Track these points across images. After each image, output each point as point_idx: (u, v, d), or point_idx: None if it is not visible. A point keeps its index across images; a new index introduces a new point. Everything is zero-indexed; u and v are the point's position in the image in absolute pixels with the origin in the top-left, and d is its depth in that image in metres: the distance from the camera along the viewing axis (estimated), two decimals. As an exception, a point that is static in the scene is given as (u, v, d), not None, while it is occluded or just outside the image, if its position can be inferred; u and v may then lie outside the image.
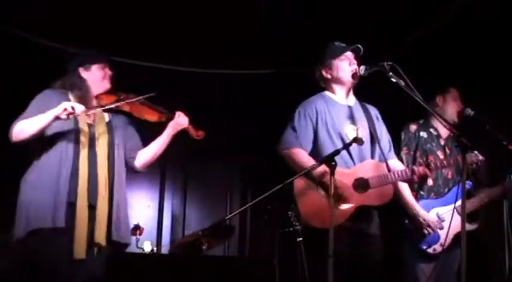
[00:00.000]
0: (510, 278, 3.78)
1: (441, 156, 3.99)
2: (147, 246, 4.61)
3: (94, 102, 3.41)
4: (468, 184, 3.85)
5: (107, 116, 3.44)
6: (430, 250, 3.86)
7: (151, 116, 3.54)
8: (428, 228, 3.81)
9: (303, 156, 3.38)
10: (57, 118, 3.11)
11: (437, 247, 3.85)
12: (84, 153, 3.21)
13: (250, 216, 6.18)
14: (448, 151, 4.06)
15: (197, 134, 3.68)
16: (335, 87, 3.54)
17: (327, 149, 3.33)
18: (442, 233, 3.82)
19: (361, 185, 3.30)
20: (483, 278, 4.31)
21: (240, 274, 3.61)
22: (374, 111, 3.59)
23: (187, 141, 6.15)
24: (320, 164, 3.14)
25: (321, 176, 3.27)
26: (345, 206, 3.25)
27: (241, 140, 6.40)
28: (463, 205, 2.94)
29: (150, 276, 3.55)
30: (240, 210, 6.01)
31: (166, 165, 6.26)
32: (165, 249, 5.80)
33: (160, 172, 6.24)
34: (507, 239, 3.72)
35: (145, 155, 3.52)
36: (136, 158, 3.50)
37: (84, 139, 3.24)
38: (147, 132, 3.66)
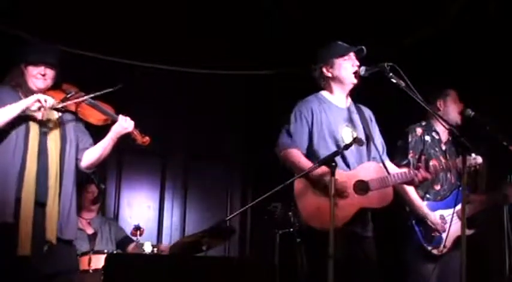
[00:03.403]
0: (510, 278, 3.79)
1: (443, 161, 3.98)
2: (148, 247, 4.60)
3: None
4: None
5: (56, 113, 3.38)
6: (435, 251, 3.87)
7: (96, 120, 3.43)
8: (436, 232, 3.83)
9: (299, 156, 3.36)
10: (27, 109, 3.15)
11: (442, 248, 3.86)
12: (33, 150, 3.20)
13: (250, 216, 6.18)
14: (448, 156, 4.05)
15: (143, 140, 3.50)
16: (334, 86, 3.51)
17: (321, 150, 3.33)
18: (444, 235, 3.83)
19: (361, 187, 3.29)
20: (483, 279, 4.30)
21: (240, 275, 3.61)
22: (368, 113, 3.58)
23: (187, 142, 6.21)
24: (320, 165, 3.14)
25: (319, 177, 3.27)
26: (345, 209, 3.24)
27: (241, 140, 6.41)
28: (463, 207, 2.95)
29: (150, 277, 3.54)
30: (240, 211, 6.01)
31: (167, 165, 6.26)
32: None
33: (160, 172, 6.25)
34: (507, 239, 3.72)
35: (90, 157, 3.46)
36: (82, 159, 3.46)
37: (34, 135, 3.23)
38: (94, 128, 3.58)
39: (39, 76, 3.35)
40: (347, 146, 3.20)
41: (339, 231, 3.15)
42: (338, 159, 3.23)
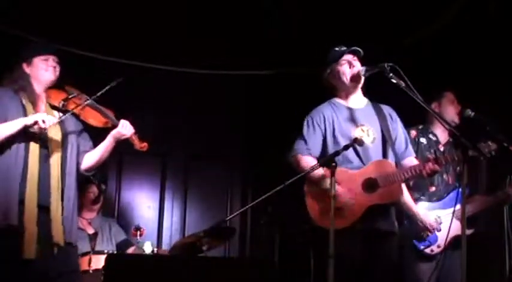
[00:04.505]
0: (510, 279, 3.79)
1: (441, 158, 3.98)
2: (148, 247, 4.60)
3: (43, 99, 3.38)
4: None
5: (56, 114, 3.39)
6: (427, 250, 3.88)
7: (97, 121, 3.44)
8: (426, 231, 3.84)
9: (308, 161, 3.42)
10: (26, 127, 3.14)
11: (435, 248, 3.88)
12: (35, 153, 3.20)
13: (250, 216, 6.18)
14: None
15: (141, 145, 3.53)
16: (341, 91, 3.59)
17: None
18: (440, 235, 3.83)
19: (370, 185, 3.31)
20: (483, 279, 4.30)
21: (240, 275, 3.61)
22: (388, 111, 3.61)
23: (187, 142, 6.21)
24: (321, 165, 3.17)
25: (320, 180, 3.30)
26: (354, 208, 3.25)
27: (241, 140, 6.40)
28: (463, 207, 2.95)
29: (150, 277, 3.54)
30: (241, 211, 6.01)
31: (167, 165, 6.26)
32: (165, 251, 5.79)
33: (160, 173, 6.24)
34: (507, 239, 3.72)
35: (89, 160, 3.48)
36: (82, 162, 3.47)
37: (36, 137, 3.22)
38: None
39: (50, 68, 3.36)
40: (347, 147, 3.22)
41: (350, 229, 3.18)
42: (353, 158, 3.30)
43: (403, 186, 3.72)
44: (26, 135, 3.21)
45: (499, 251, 3.83)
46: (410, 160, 3.52)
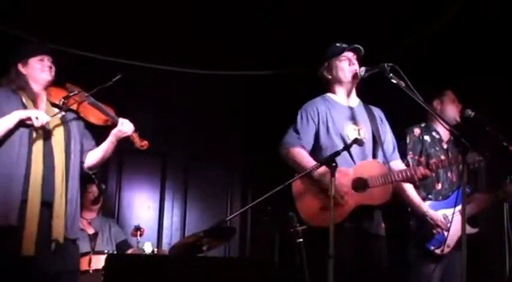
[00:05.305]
0: (510, 278, 3.79)
1: (443, 158, 3.98)
2: (148, 247, 4.61)
3: (43, 97, 3.38)
4: (467, 189, 3.85)
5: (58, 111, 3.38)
6: (437, 251, 3.87)
7: (97, 119, 3.44)
8: (438, 228, 3.83)
9: (302, 155, 3.40)
10: (21, 121, 3.15)
11: (445, 248, 3.86)
12: (38, 150, 3.19)
13: (250, 216, 6.19)
14: (450, 154, 4.06)
15: (141, 144, 3.53)
16: (336, 87, 3.55)
17: (328, 149, 3.35)
18: (447, 234, 3.83)
19: (360, 184, 3.31)
20: (484, 279, 4.31)
21: (240, 275, 3.61)
22: (378, 113, 3.61)
23: (187, 142, 6.21)
24: (321, 165, 3.16)
25: (320, 177, 3.28)
26: (343, 206, 3.25)
27: (241, 140, 6.41)
28: (463, 207, 2.95)
29: (150, 277, 3.54)
30: (241, 211, 6.01)
31: (167, 165, 6.26)
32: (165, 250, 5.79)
33: (160, 172, 6.25)
34: (507, 238, 3.73)
35: (92, 158, 3.49)
36: (85, 161, 3.47)
37: (38, 135, 3.22)
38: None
39: (46, 69, 3.36)
40: (347, 147, 3.22)
41: (344, 228, 3.18)
42: (345, 156, 3.28)
43: (411, 186, 3.72)
44: (29, 133, 3.21)
45: (499, 251, 3.83)
46: (396, 164, 3.52)
